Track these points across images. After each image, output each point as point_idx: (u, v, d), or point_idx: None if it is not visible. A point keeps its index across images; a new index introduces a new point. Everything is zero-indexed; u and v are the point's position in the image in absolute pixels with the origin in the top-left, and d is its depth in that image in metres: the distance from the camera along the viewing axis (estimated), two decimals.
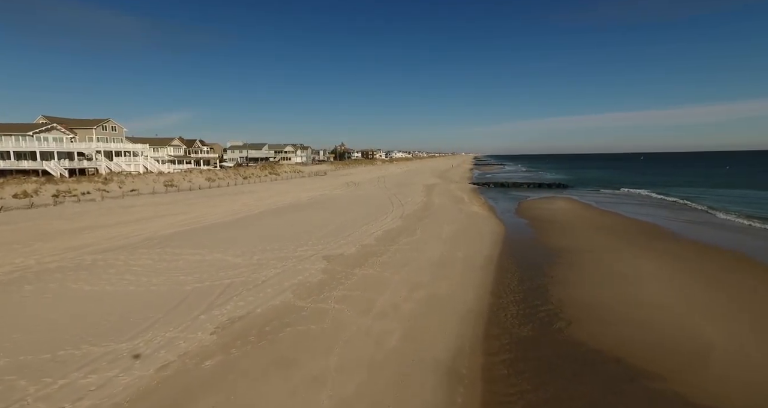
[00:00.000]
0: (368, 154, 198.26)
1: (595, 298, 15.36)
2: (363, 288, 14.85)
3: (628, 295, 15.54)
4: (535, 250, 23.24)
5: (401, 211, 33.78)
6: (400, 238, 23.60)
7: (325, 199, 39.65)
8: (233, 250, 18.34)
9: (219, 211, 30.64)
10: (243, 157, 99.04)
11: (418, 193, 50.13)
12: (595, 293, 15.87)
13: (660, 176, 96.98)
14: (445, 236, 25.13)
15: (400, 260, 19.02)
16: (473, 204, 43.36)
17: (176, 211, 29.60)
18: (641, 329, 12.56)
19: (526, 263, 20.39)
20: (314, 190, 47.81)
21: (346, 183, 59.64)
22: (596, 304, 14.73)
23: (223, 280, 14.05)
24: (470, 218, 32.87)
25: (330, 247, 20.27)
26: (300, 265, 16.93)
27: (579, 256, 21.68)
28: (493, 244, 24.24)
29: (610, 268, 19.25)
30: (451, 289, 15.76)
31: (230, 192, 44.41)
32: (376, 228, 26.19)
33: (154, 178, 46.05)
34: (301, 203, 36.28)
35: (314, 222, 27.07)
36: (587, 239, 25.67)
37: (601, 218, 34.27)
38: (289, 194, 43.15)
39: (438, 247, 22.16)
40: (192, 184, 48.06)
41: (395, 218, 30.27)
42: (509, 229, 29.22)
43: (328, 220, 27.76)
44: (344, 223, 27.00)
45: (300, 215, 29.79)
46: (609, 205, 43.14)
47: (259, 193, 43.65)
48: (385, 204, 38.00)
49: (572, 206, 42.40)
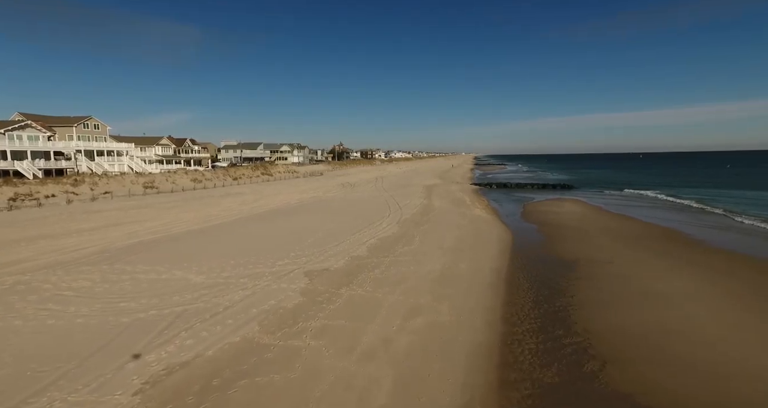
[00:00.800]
0: (367, 154, 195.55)
1: (628, 326, 12.74)
2: (348, 315, 12.23)
3: (668, 323, 12.91)
4: (547, 261, 20.63)
5: (399, 216, 31.16)
6: (396, 248, 20.98)
7: (317, 202, 36.97)
8: (198, 266, 15.67)
9: (195, 216, 27.82)
10: (237, 157, 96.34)
11: (418, 194, 47.51)
12: (626, 319, 13.25)
13: (662, 176, 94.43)
14: (447, 245, 22.53)
15: (396, 276, 16.40)
16: (476, 207, 40.77)
17: (146, 217, 26.80)
18: (696, 374, 9.95)
19: (540, 278, 17.78)
20: (306, 192, 45.07)
21: (342, 184, 56.90)
22: (631, 335, 12.11)
23: (175, 308, 11.40)
24: (474, 223, 30.27)
25: (315, 260, 17.64)
26: (276, 283, 14.29)
27: (598, 268, 19.08)
28: (500, 254, 21.65)
29: (638, 284, 16.63)
30: (455, 314, 13.14)
31: (215, 194, 41.48)
32: (369, 235, 23.57)
33: (132, 179, 43.08)
34: (289, 207, 33.58)
35: (301, 229, 24.43)
36: (604, 247, 23.06)
37: (615, 223, 31.66)
38: (279, 196, 40.37)
39: (439, 259, 19.55)
40: (175, 185, 45.08)
41: (392, 224, 27.64)
42: (517, 236, 26.61)
43: (317, 227, 25.12)
44: (335, 230, 24.37)
45: (286, 221, 27.11)
46: (620, 208, 40.56)
47: (246, 196, 40.84)
48: (382, 207, 35.38)
49: (581, 209, 39.81)
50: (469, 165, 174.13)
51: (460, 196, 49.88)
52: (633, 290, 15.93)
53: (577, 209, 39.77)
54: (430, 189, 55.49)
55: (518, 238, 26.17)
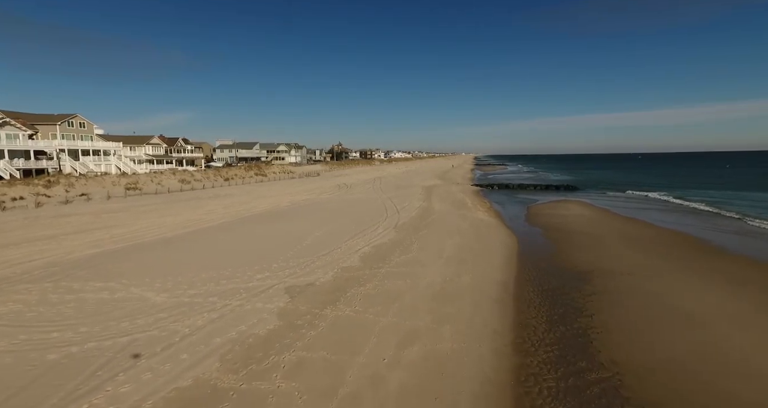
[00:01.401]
0: (366, 154, 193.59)
1: (662, 356, 10.81)
2: (331, 344, 10.30)
3: (711, 352, 10.98)
4: (558, 271, 18.70)
5: (396, 220, 29.22)
6: (391, 257, 19.04)
7: (310, 205, 34.96)
8: (163, 281, 13.68)
9: (173, 221, 25.54)
10: (233, 157, 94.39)
11: (417, 196, 45.56)
12: (658, 347, 11.32)
13: (664, 177, 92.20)
14: (448, 253, 20.59)
15: (390, 291, 14.47)
16: (478, 209, 38.85)
17: (119, 222, 24.58)
18: None
19: (552, 293, 15.86)
20: (300, 194, 42.99)
21: (338, 185, 54.89)
22: (668, 368, 10.18)
23: (120, 338, 9.45)
24: (476, 227, 28.34)
25: (300, 273, 15.69)
26: (250, 303, 12.35)
27: (617, 281, 17.16)
28: (506, 263, 19.73)
29: (665, 301, 14.71)
30: (457, 340, 11.22)
31: (202, 196, 39.16)
32: (364, 242, 21.63)
33: (114, 180, 40.93)
34: (279, 210, 31.55)
35: (288, 235, 22.47)
36: (620, 256, 21.14)
37: (626, 227, 29.72)
38: (270, 199, 38.26)
39: (439, 270, 17.62)
40: (161, 186, 42.84)
41: (388, 229, 25.70)
42: (523, 242, 24.70)
43: (306, 233, 23.16)
44: (325, 237, 22.43)
45: (273, 226, 25.10)
46: (629, 211, 38.63)
47: (234, 198, 38.63)
48: (378, 210, 33.44)
49: (589, 212, 37.89)
50: (469, 165, 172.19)
51: (461, 197, 47.95)
52: (661, 308, 14.00)
53: (584, 212, 37.86)
54: (430, 190, 53.55)
55: (524, 244, 24.26)
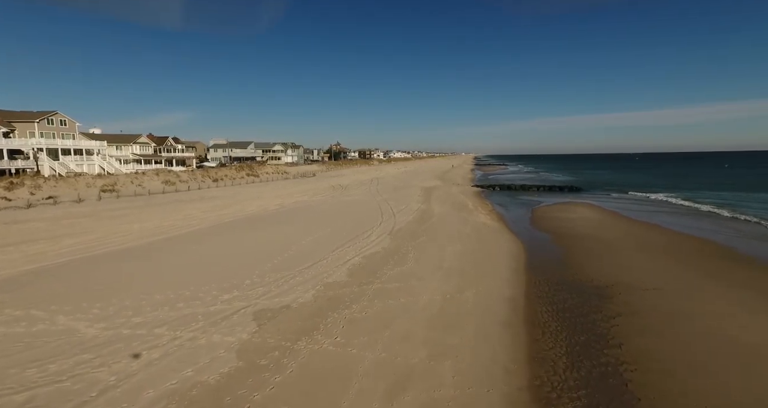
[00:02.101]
0: (365, 153, 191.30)
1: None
2: (300, 395, 8.05)
3: None
4: (573, 286, 16.44)
5: (392, 224, 26.97)
6: (384, 269, 16.80)
7: (300, 208, 32.64)
8: (104, 305, 11.37)
9: (142, 228, 23.08)
10: (226, 157, 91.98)
11: (415, 198, 43.32)
12: (713, 392, 9.06)
13: (667, 178, 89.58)
14: (448, 264, 18.35)
15: (380, 314, 12.23)
16: (480, 212, 36.60)
17: (79, 230, 21.81)
18: None
19: (569, 314, 13.61)
20: (291, 196, 40.59)
21: (332, 186, 52.56)
22: None
23: (14, 396, 7.15)
24: (478, 233, 26.09)
25: (275, 291, 13.44)
26: (206, 335, 10.09)
27: (642, 298, 14.91)
28: (513, 276, 17.48)
29: (705, 326, 12.45)
30: (461, 385, 8.99)
31: (184, 198, 36.63)
32: (354, 251, 19.39)
33: (89, 181, 38.37)
34: (265, 214, 29.21)
35: (269, 244, 20.20)
36: (641, 267, 18.89)
37: (641, 233, 27.46)
38: (257, 201, 35.86)
39: (438, 284, 15.39)
40: (141, 188, 40.40)
41: (382, 235, 23.46)
42: (530, 250, 22.45)
43: (291, 240, 20.89)
44: (312, 245, 20.18)
45: (254, 233, 22.77)
46: (639, 214, 36.38)
47: (219, 200, 36.17)
48: (373, 214, 31.18)
49: (597, 215, 35.65)
50: (469, 165, 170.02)
51: (462, 199, 45.72)
52: (703, 336, 11.73)
53: (593, 215, 35.61)
54: (429, 192, 51.32)
55: (532, 252, 22.01)
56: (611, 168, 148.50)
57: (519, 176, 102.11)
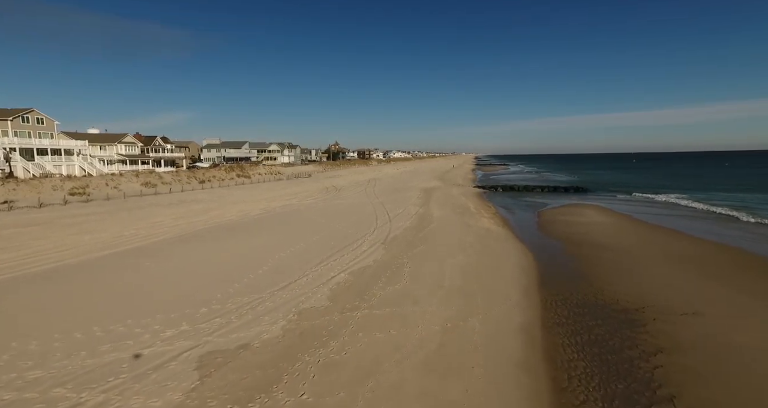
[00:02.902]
0: (364, 154, 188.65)
1: None
2: None
3: None
4: (597, 310, 13.91)
5: (387, 231, 24.44)
6: (374, 289, 14.27)
7: (287, 213, 30.03)
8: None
9: (94, 239, 20.13)
10: (220, 157, 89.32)
11: (414, 200, 40.78)
12: None
13: (672, 178, 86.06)
14: (449, 281, 15.82)
15: (363, 355, 9.71)
16: (482, 216, 34.07)
17: (10, 244, 19.00)
18: None
19: (598, 349, 11.10)
20: (279, 199, 37.90)
21: (326, 188, 49.94)
22: None
23: None
24: (482, 241, 23.55)
25: (235, 323, 10.90)
26: (122, 397, 7.52)
27: (685, 327, 12.38)
28: (525, 296, 14.95)
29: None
30: None
31: (162, 202, 33.91)
32: (341, 266, 16.86)
33: (56, 183, 35.49)
34: (247, 220, 26.54)
35: (243, 258, 17.62)
36: (672, 284, 16.34)
37: (663, 240, 24.87)
38: (242, 205, 33.39)
39: (437, 309, 12.88)
40: (117, 191, 37.70)
41: (375, 244, 20.92)
42: (541, 262, 19.92)
43: (268, 253, 18.33)
44: (292, 258, 17.64)
45: (227, 244, 20.07)
46: (654, 218, 33.84)
47: (201, 204, 33.63)
48: (367, 219, 28.65)
49: (609, 219, 33.07)
50: (470, 165, 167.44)
51: (463, 201, 43.18)
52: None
53: (605, 219, 33.06)
54: (429, 193, 48.78)
55: (544, 265, 19.46)
56: (612, 168, 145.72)
57: (521, 176, 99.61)
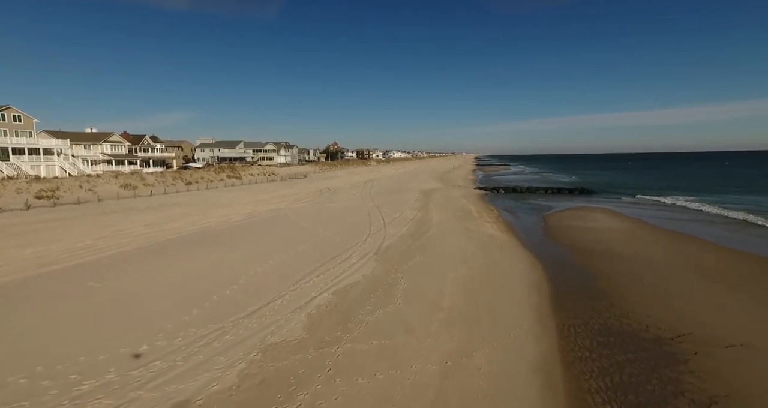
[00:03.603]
0: (363, 154, 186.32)
1: None
2: None
3: None
4: (625, 338, 11.72)
5: (381, 239, 22.22)
6: (360, 314, 12.07)
7: (273, 218, 27.68)
8: None
9: (35, 253, 17.55)
10: (214, 157, 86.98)
11: (412, 203, 38.56)
12: None
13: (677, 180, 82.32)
14: (449, 301, 13.63)
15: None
16: (485, 220, 31.86)
17: None
18: None
19: (635, 397, 8.93)
20: (268, 202, 35.44)
21: (320, 190, 47.63)
22: None
23: None
24: (486, 250, 21.34)
25: (179, 369, 8.67)
26: None
27: (735, 364, 10.20)
28: (538, 321, 12.76)
29: None
30: None
31: (138, 206, 31.22)
32: (324, 284, 14.63)
33: (20, 185, 32.57)
34: (224, 227, 23.89)
35: (210, 274, 15.28)
36: (708, 304, 14.13)
37: (686, 250, 22.60)
38: (225, 210, 31.04)
39: (435, 342, 10.68)
40: (92, 193, 35.05)
41: (366, 256, 18.69)
42: (553, 275, 17.71)
43: (241, 268, 16.06)
44: (266, 275, 15.40)
45: (196, 257, 17.55)
46: (668, 223, 31.60)
47: (179, 209, 31.03)
48: (360, 225, 26.42)
49: (622, 225, 30.81)
50: (470, 166, 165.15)
51: (464, 204, 40.97)
52: None
53: (616, 224, 30.83)
54: (428, 195, 46.55)
55: (555, 278, 17.25)
56: (613, 169, 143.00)
57: (522, 177, 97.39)
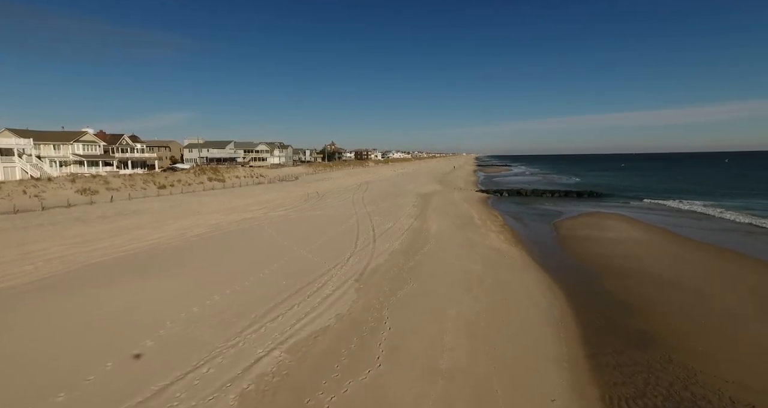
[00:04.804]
0: (362, 154, 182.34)
1: None
2: None
3: None
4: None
5: (367, 258, 18.46)
6: (319, 390, 8.38)
7: (243, 231, 23.68)
8: None
9: None
10: (203, 158, 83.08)
11: (408, 209, 34.82)
12: None
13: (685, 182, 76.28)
14: (450, 359, 9.96)
15: None
16: (490, 229, 28.15)
17: None
18: None
19: None
20: (241, 210, 30.90)
21: (307, 194, 43.71)
22: None
23: None
24: (494, 271, 17.59)
25: None
26: None
27: None
28: (572, 389, 9.08)
29: None
30: None
31: (87, 216, 26.46)
32: (280, 331, 10.90)
33: None
34: (177, 244, 20.03)
35: (119, 321, 11.38)
36: None
37: (733, 269, 18.82)
38: (187, 220, 26.81)
39: None
40: (39, 199, 30.55)
41: (347, 283, 14.94)
42: (580, 307, 14.03)
43: (172, 308, 12.23)
44: (204, 320, 11.63)
45: (117, 290, 13.51)
46: (695, 233, 27.92)
47: (136, 218, 26.65)
48: (345, 238, 22.64)
49: (645, 235, 27.02)
50: (471, 166, 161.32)
51: (466, 209, 37.23)
52: None
53: (639, 235, 27.08)
54: (427, 199, 42.79)
55: (584, 312, 13.55)
56: (615, 169, 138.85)
57: (525, 179, 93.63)
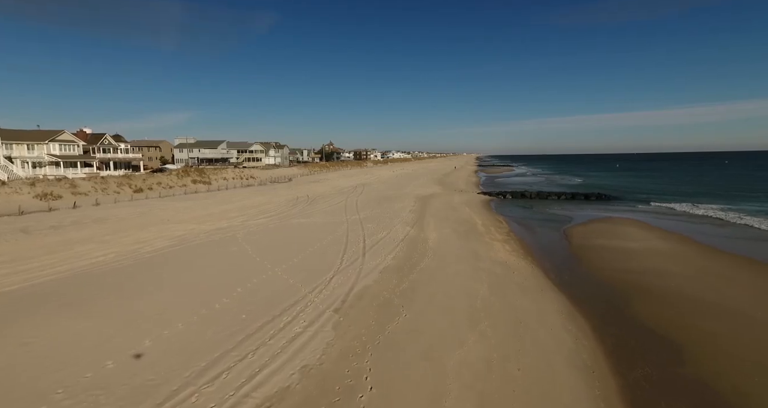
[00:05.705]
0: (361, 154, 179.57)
1: None
2: None
3: None
4: None
5: (353, 278, 15.61)
6: None
7: (212, 243, 20.39)
8: None
9: None
10: (194, 158, 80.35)
11: (405, 215, 31.99)
12: None
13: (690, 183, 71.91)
14: None
15: None
16: (494, 237, 25.32)
17: None
18: None
19: None
20: (218, 218, 27.93)
21: (296, 198, 40.73)
22: None
23: None
24: (501, 291, 14.75)
25: None
26: None
27: None
28: None
29: None
30: None
31: (36, 226, 23.32)
32: (223, 395, 8.00)
33: None
34: (127, 263, 16.56)
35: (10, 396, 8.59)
36: None
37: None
38: (152, 230, 23.60)
39: None
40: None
41: (322, 316, 12.08)
42: (614, 347, 11.17)
43: (71, 372, 9.34)
44: (117, 376, 8.79)
45: (10, 331, 10.87)
46: (724, 243, 25.07)
47: (93, 229, 23.31)
48: (330, 252, 19.77)
49: (671, 246, 24.18)
50: (472, 166, 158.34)
51: (468, 214, 34.39)
52: None
53: (662, 245, 24.23)
54: (426, 203, 39.93)
55: (620, 353, 10.71)
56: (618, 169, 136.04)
57: (528, 180, 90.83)
